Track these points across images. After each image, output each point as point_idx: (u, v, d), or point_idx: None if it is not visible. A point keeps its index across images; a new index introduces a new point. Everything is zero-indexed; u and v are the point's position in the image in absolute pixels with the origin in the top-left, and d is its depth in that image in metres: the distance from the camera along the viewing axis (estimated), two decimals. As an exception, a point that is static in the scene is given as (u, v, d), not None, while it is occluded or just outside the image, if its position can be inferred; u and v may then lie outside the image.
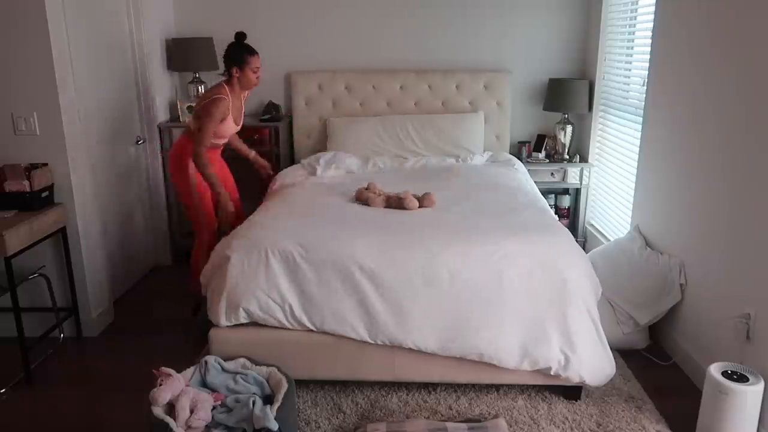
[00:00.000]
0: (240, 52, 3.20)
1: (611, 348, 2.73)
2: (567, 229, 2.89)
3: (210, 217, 3.36)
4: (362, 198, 3.13)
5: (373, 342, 2.57)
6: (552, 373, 2.56)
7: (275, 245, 2.60)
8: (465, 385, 2.79)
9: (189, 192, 3.29)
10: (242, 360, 2.47)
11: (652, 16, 3.38)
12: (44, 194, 3.01)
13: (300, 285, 2.56)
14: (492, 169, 3.94)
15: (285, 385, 2.30)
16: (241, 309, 2.57)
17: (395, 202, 3.04)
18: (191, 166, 3.22)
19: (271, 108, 4.35)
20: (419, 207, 3.04)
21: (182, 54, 4.21)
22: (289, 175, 3.83)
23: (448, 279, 2.53)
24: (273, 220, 2.86)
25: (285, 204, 3.14)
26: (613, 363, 2.61)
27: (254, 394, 2.29)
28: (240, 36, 3.24)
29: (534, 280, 2.54)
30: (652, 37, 3.33)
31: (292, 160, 4.51)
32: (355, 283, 2.54)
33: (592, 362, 2.56)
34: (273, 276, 2.56)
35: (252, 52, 3.22)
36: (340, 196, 3.27)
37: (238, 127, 3.39)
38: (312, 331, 2.60)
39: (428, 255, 2.56)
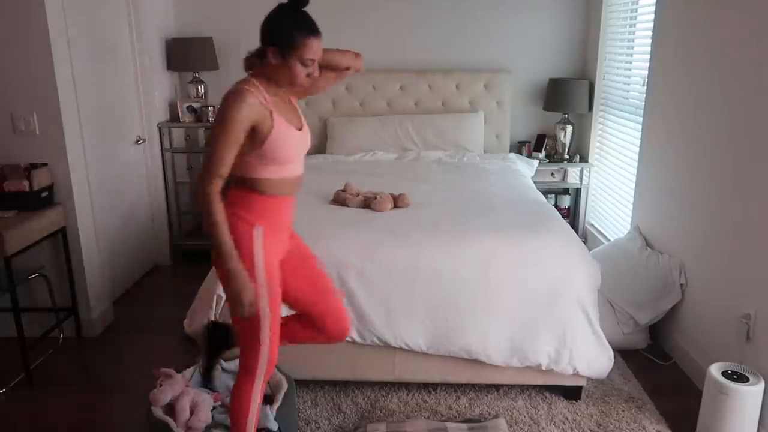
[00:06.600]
0: (289, 25, 1.79)
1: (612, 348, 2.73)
2: (563, 220, 2.88)
3: (275, 334, 1.92)
4: (339, 200, 3.11)
5: (362, 342, 2.56)
6: (544, 368, 2.55)
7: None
8: (465, 385, 2.79)
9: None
10: (242, 360, 2.47)
11: (652, 16, 3.38)
12: (44, 194, 3.01)
13: None
14: (486, 163, 3.98)
15: (285, 385, 2.29)
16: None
17: (372, 203, 3.02)
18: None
19: (271, 108, 4.35)
20: (393, 207, 2.99)
21: (182, 54, 4.21)
22: None
23: (433, 276, 2.51)
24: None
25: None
26: (611, 353, 2.59)
27: (254, 394, 2.29)
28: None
29: (520, 274, 2.52)
30: (652, 37, 3.33)
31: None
32: (341, 283, 2.53)
33: (586, 354, 2.54)
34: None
35: (312, 31, 1.82)
36: (318, 198, 3.19)
37: (307, 135, 2.00)
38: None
39: (413, 252, 2.55)
